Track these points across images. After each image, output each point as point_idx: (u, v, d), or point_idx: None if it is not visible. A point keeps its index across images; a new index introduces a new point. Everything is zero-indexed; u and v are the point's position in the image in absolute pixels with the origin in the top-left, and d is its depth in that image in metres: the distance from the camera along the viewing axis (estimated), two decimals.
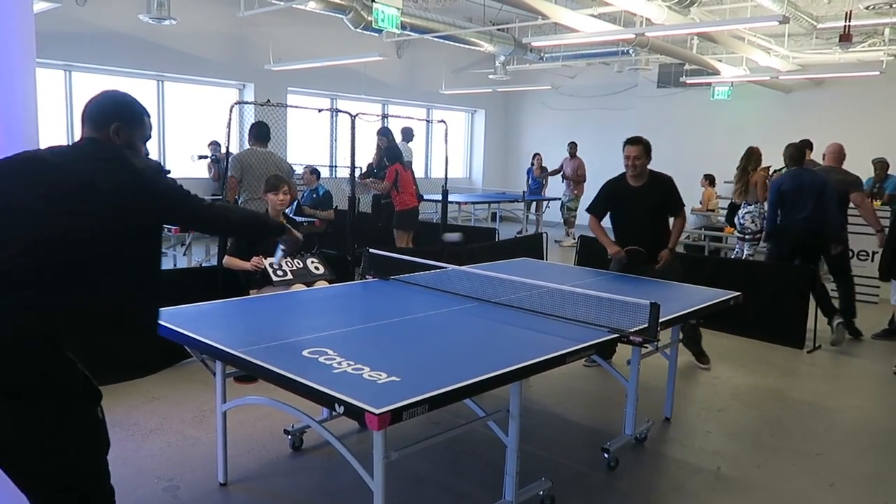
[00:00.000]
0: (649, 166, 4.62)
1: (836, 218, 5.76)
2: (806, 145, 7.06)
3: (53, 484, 1.82)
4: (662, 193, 4.60)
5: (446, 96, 14.02)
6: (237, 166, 5.57)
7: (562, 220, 11.92)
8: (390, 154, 7.51)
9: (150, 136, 2.13)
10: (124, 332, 2.06)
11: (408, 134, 9.11)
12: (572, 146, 11.69)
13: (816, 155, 7.63)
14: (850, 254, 7.51)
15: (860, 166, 9.41)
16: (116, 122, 2.01)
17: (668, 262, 4.49)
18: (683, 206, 4.71)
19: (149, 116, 2.13)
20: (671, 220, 4.74)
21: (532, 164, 12.41)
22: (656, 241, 4.55)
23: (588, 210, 4.79)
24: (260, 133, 5.78)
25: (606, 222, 4.74)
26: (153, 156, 8.28)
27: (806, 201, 5.58)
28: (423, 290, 3.70)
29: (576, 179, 11.52)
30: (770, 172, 8.06)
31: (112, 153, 1.95)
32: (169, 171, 2.05)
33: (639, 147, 4.50)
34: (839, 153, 6.12)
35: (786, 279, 5.61)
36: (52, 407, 1.77)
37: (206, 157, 9.36)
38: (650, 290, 3.95)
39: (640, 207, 4.54)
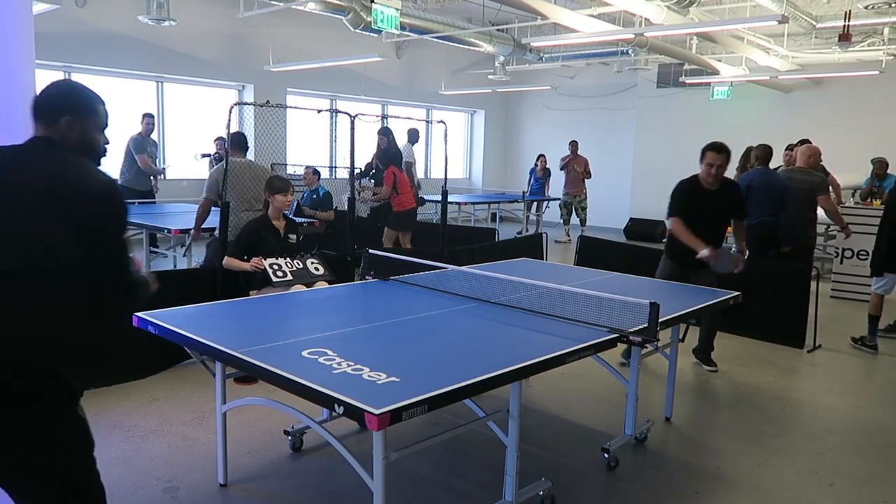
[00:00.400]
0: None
1: (792, 219, 6.04)
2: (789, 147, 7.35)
3: (40, 483, 1.80)
4: (733, 197, 4.66)
5: (446, 97, 14.02)
6: (214, 187, 5.21)
7: (561, 220, 11.93)
8: (386, 156, 7.50)
9: (107, 125, 2.00)
10: (88, 338, 1.88)
11: (414, 135, 9.07)
12: (573, 144, 11.72)
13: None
14: (850, 253, 7.53)
15: (860, 166, 9.46)
16: (67, 115, 1.88)
17: (745, 265, 4.53)
18: (746, 211, 4.84)
19: (102, 104, 1.99)
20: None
21: (536, 165, 12.42)
22: (719, 243, 4.58)
23: (671, 214, 4.62)
24: (239, 142, 5.49)
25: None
26: (156, 155, 8.22)
27: (770, 201, 5.99)
28: (422, 290, 3.70)
29: (584, 176, 11.56)
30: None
31: (66, 157, 1.84)
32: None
33: (723, 156, 4.49)
34: (811, 156, 6.33)
35: (786, 279, 5.61)
36: (37, 411, 1.76)
37: (208, 155, 9.36)
38: (649, 289, 3.95)
39: (713, 211, 4.56)
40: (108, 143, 2.01)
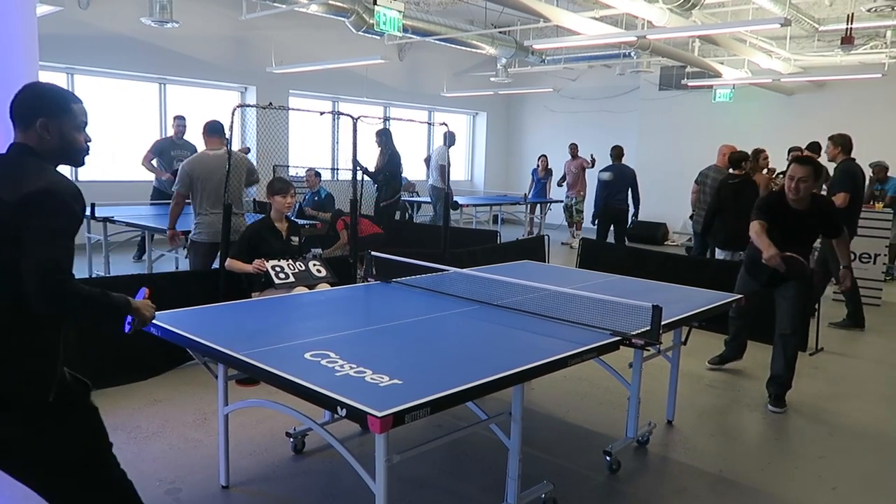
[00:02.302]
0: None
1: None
2: (803, 148, 7.46)
3: (59, 474, 1.86)
4: (822, 220, 4.20)
5: (448, 99, 14.03)
6: (185, 180, 5.02)
7: (565, 223, 11.93)
8: (388, 166, 7.41)
9: (86, 123, 1.96)
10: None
11: (451, 138, 8.55)
12: (573, 147, 11.73)
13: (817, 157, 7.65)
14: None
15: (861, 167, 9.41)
16: (42, 116, 1.85)
17: (851, 283, 4.22)
18: (843, 229, 4.32)
19: (78, 102, 1.94)
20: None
21: (537, 166, 12.42)
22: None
23: (754, 218, 4.23)
24: (213, 129, 5.27)
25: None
26: (154, 157, 8.18)
27: (623, 191, 8.85)
28: (424, 292, 3.70)
29: (575, 180, 11.55)
30: (774, 175, 8.08)
31: (26, 163, 1.83)
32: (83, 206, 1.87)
33: (807, 168, 4.00)
34: (724, 155, 7.06)
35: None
36: (43, 408, 1.80)
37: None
38: (651, 292, 3.95)
39: (796, 233, 4.12)
40: (89, 141, 1.98)
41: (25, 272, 1.71)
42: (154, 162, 7.91)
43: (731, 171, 6.56)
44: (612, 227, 9.17)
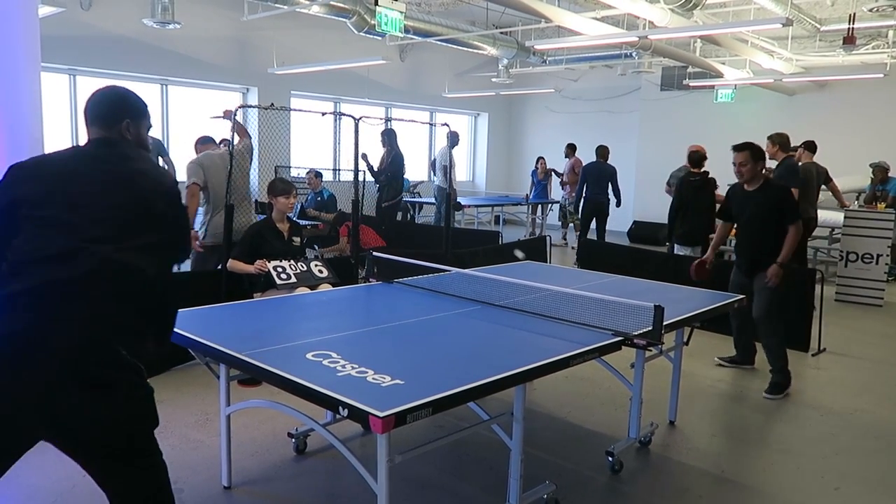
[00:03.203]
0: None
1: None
2: (810, 146, 7.62)
3: (141, 453, 2.00)
4: (777, 201, 4.47)
5: (449, 100, 14.03)
6: (198, 171, 4.99)
7: (560, 223, 11.92)
8: (392, 167, 7.40)
9: (151, 126, 2.22)
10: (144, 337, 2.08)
11: (454, 139, 8.72)
12: (569, 148, 11.73)
13: (817, 157, 7.65)
14: (855, 256, 7.51)
15: (864, 169, 9.43)
16: (127, 118, 2.07)
17: (776, 278, 4.38)
18: (798, 218, 4.52)
19: (148, 107, 2.22)
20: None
21: (536, 168, 12.42)
22: (767, 250, 4.44)
23: (716, 215, 4.80)
24: (204, 139, 5.34)
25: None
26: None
27: (604, 186, 9.68)
28: (426, 293, 3.70)
29: (573, 179, 11.52)
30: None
31: (137, 156, 2.06)
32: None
33: (745, 153, 4.45)
34: (691, 155, 7.27)
35: (790, 282, 5.58)
36: (128, 390, 1.91)
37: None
38: (653, 292, 3.94)
39: (751, 212, 4.51)
40: (151, 140, 2.28)
41: (180, 243, 2.15)
42: None
43: (691, 169, 7.01)
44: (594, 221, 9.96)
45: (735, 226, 4.80)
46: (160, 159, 8.11)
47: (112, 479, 1.96)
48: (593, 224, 9.90)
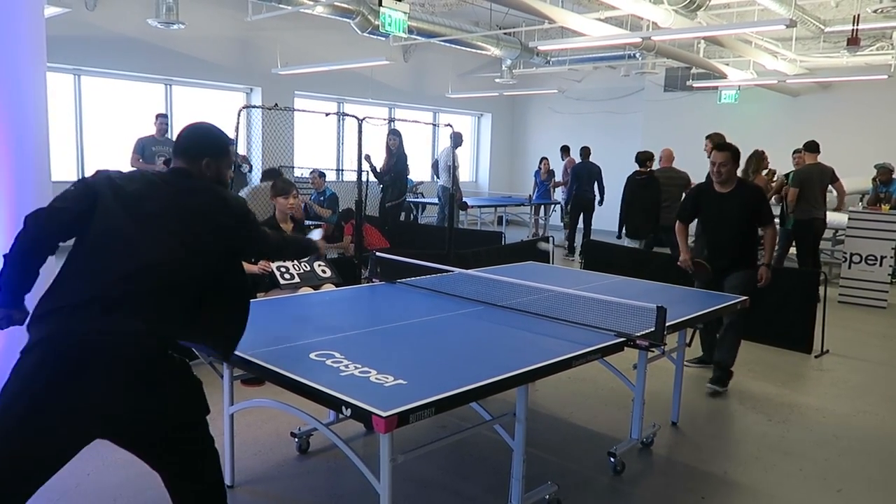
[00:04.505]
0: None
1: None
2: (811, 146, 7.76)
3: (193, 440, 2.11)
4: (751, 201, 4.49)
5: (453, 100, 14.04)
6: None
7: (562, 224, 11.91)
8: (397, 166, 7.41)
9: (234, 164, 2.42)
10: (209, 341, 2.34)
11: (458, 139, 8.79)
12: (563, 150, 11.74)
13: (821, 158, 7.65)
14: (858, 258, 7.50)
15: (868, 170, 9.41)
16: (207, 156, 2.19)
17: (768, 280, 4.45)
18: (773, 218, 4.60)
19: (233, 145, 2.34)
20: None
21: (539, 168, 12.42)
22: (741, 250, 4.48)
23: (676, 215, 4.82)
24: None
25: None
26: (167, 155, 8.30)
27: (591, 184, 10.17)
28: (429, 293, 3.71)
29: (567, 181, 11.53)
30: (774, 177, 8.06)
31: (202, 185, 2.16)
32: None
33: (725, 154, 4.43)
34: (670, 156, 7.94)
35: (793, 284, 5.59)
36: (180, 383, 2.04)
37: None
38: (656, 293, 3.95)
39: (725, 213, 4.48)
40: (232, 177, 2.48)
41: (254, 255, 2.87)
42: (140, 161, 8.00)
43: (638, 168, 7.68)
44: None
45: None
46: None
47: (169, 466, 2.08)
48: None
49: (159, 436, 2.00)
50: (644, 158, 7.79)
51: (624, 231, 8.19)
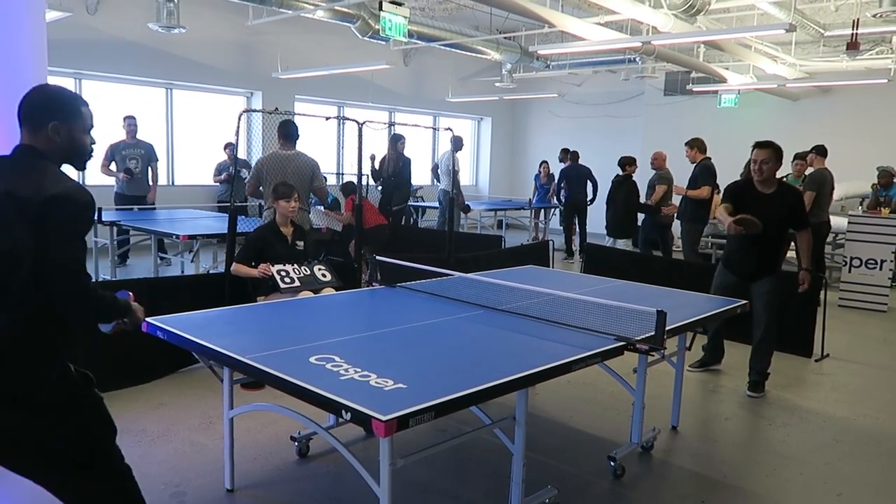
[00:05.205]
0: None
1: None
2: (821, 150, 7.95)
3: (68, 466, 1.93)
4: (791, 205, 4.41)
5: (453, 104, 14.06)
6: (255, 175, 5.38)
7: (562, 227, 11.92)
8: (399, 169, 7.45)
9: (92, 126, 2.02)
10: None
11: (458, 143, 8.78)
12: (563, 152, 11.75)
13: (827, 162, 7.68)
14: (858, 262, 7.50)
15: (867, 174, 9.42)
16: (53, 120, 1.90)
17: (809, 284, 4.44)
18: (808, 223, 4.52)
19: (86, 105, 2.00)
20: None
21: (539, 172, 12.43)
22: (773, 254, 4.43)
23: (722, 201, 4.61)
24: (287, 132, 5.51)
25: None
26: (162, 160, 8.26)
27: (583, 186, 10.58)
28: (429, 297, 3.71)
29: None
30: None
31: (39, 166, 1.86)
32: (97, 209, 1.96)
33: (767, 151, 4.33)
34: (660, 159, 8.35)
35: (794, 287, 5.58)
36: (51, 402, 1.86)
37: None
38: (656, 297, 3.95)
39: (768, 215, 4.30)
40: (94, 143, 2.04)
41: (51, 269, 1.80)
42: (112, 166, 7.91)
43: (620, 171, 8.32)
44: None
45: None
46: (149, 168, 8.07)
47: (60, 493, 1.97)
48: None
49: (30, 466, 1.92)
50: (623, 163, 8.59)
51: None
